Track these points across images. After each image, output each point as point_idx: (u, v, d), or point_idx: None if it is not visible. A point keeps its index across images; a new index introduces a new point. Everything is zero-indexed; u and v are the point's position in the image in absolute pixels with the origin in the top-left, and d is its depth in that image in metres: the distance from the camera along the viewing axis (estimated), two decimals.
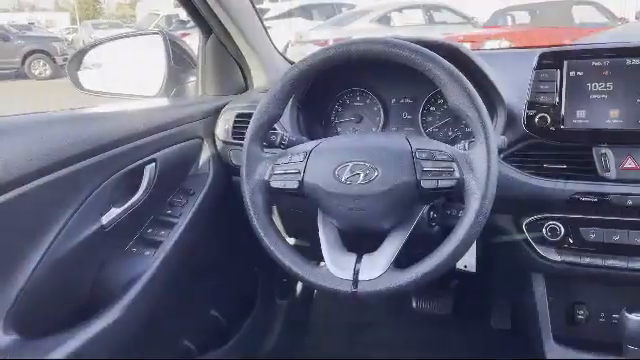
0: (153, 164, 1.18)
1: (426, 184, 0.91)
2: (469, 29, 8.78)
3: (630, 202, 1.04)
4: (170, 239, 1.21)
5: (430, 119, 1.31)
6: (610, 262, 1.10)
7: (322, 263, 0.98)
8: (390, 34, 1.08)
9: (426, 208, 1.02)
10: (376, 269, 0.92)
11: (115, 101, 1.51)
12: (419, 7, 9.54)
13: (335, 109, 1.40)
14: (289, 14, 10.39)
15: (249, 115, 1.11)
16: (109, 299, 1.06)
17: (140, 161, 1.15)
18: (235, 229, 1.44)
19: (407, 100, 1.33)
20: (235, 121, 1.39)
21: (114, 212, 1.08)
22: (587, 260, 1.11)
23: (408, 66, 0.94)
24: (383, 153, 0.95)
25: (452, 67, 0.92)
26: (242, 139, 1.07)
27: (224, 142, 1.40)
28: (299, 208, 1.29)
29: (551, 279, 1.20)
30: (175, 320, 1.39)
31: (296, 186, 0.99)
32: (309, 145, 1.03)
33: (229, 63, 1.56)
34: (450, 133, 1.29)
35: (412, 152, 0.93)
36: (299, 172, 0.98)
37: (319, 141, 1.03)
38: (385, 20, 8.91)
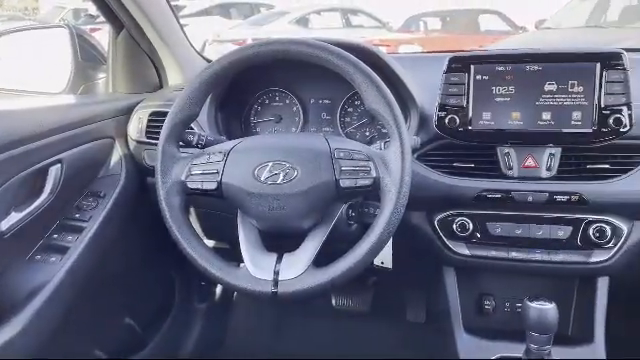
0: (59, 165, 1.11)
1: (345, 183, 0.93)
2: (384, 33, 9.04)
3: (530, 198, 1.12)
4: (78, 244, 1.14)
5: (348, 120, 1.34)
6: (514, 254, 1.17)
7: (242, 264, 0.97)
8: (308, 36, 1.09)
9: (345, 207, 1.04)
10: (296, 268, 0.93)
11: (16, 97, 1.41)
12: (337, 10, 9.71)
13: (254, 109, 1.40)
14: (206, 12, 10.18)
15: (164, 114, 1.08)
16: (10, 310, 0.99)
17: (44, 162, 1.08)
18: (150, 232, 1.39)
19: (326, 101, 1.35)
20: (149, 120, 1.34)
21: (15, 217, 1.01)
22: (493, 253, 1.18)
23: (326, 67, 0.95)
24: (302, 153, 0.95)
25: (369, 70, 0.95)
26: (157, 138, 1.04)
27: (137, 142, 1.35)
28: (217, 209, 1.27)
29: (462, 272, 1.26)
30: (86, 330, 1.31)
31: (214, 187, 0.97)
32: (228, 145, 1.01)
33: (142, 60, 1.50)
34: (367, 133, 1.32)
35: (331, 152, 0.95)
36: (217, 172, 0.97)
37: (238, 141, 1.02)
38: (304, 22, 8.97)
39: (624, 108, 1.05)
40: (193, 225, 1.01)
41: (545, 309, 0.98)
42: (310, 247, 0.95)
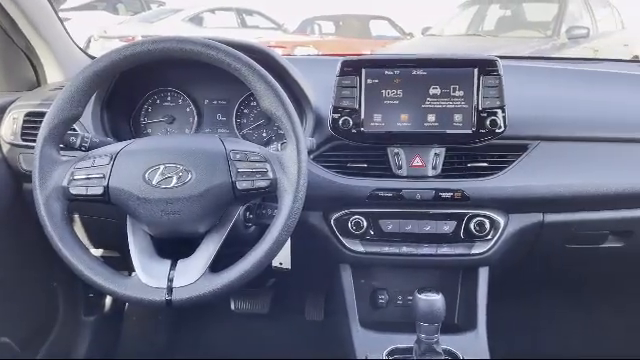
0: None
1: (241, 185, 0.92)
2: (280, 35, 9.09)
3: (419, 196, 1.18)
4: None
5: (244, 121, 1.33)
6: (404, 249, 1.23)
7: (133, 273, 0.92)
8: (202, 35, 1.07)
9: (242, 209, 1.03)
10: (192, 274, 0.90)
11: None
12: (232, 10, 9.58)
13: (145, 109, 1.33)
14: (91, 6, 9.57)
15: (42, 114, 1.00)
16: None
17: None
18: (28, 242, 1.28)
19: (221, 102, 1.33)
20: (25, 121, 1.24)
21: None
22: (386, 249, 1.23)
23: (221, 68, 0.94)
24: (197, 155, 0.93)
25: (264, 71, 0.95)
26: (33, 141, 0.96)
27: (11, 145, 1.24)
28: (105, 216, 1.20)
29: (357, 269, 1.30)
30: None
31: (100, 192, 0.91)
32: (115, 147, 0.96)
33: (16, 56, 1.38)
34: (264, 135, 1.32)
35: (226, 153, 0.93)
36: (104, 176, 0.91)
37: (127, 142, 0.97)
38: (197, 20, 8.75)
39: (499, 111, 1.14)
40: (78, 234, 0.94)
41: (433, 300, 1.04)
42: (206, 252, 0.93)
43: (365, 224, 1.23)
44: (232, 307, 1.76)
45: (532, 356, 1.63)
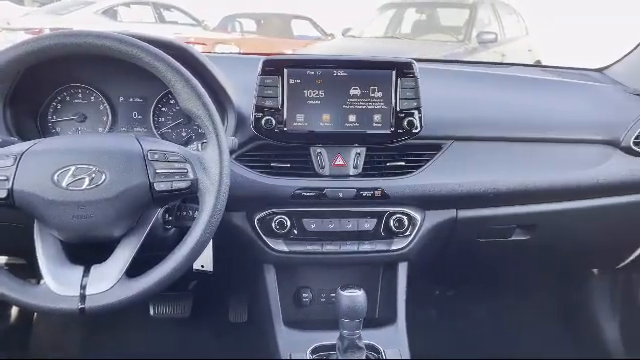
0: None
1: (160, 186, 0.89)
2: (200, 32, 8.89)
3: (341, 194, 1.20)
4: None
5: (162, 119, 1.28)
6: (327, 247, 1.25)
7: (42, 281, 0.87)
8: (117, 29, 1.02)
9: (161, 211, 0.99)
10: (107, 281, 0.86)
11: None
12: (148, 4, 9.23)
13: (53, 106, 1.25)
14: None
15: None
16: None
17: None
18: None
19: (137, 99, 1.28)
20: None
21: None
22: (309, 247, 1.24)
23: (137, 64, 0.90)
24: (111, 155, 0.89)
25: (182, 68, 0.92)
26: None
27: None
28: (9, 220, 1.12)
29: (281, 268, 1.30)
30: None
31: (4, 195, 0.85)
32: (20, 147, 0.89)
33: None
34: (184, 134, 1.28)
35: (143, 154, 0.90)
36: (7, 179, 0.85)
37: (33, 142, 0.91)
38: (111, 14, 8.35)
39: (416, 112, 1.18)
40: None
41: (355, 296, 1.06)
42: (122, 256, 0.89)
43: (289, 223, 1.23)
44: (151, 312, 1.70)
45: (449, 346, 1.71)
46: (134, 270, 0.89)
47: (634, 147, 1.32)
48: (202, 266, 1.23)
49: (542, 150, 1.32)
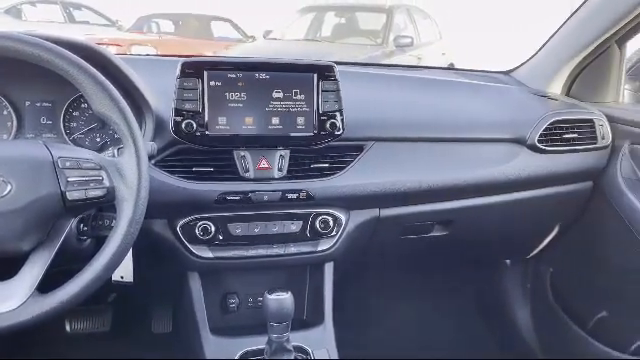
0: None
1: (72, 195, 0.85)
2: (114, 32, 8.53)
3: (266, 198, 1.19)
4: None
5: (74, 125, 1.21)
6: (254, 252, 1.24)
7: None
8: (22, 29, 0.96)
9: (75, 221, 0.94)
10: (16, 298, 0.80)
11: None
12: (56, 3, 8.74)
13: None
14: None
15: None
16: None
17: None
18: None
19: (45, 104, 1.20)
20: None
21: None
22: (235, 252, 1.23)
23: (45, 67, 0.85)
24: (17, 163, 0.83)
25: (93, 70, 0.88)
26: None
27: None
28: None
29: (206, 275, 1.28)
30: None
31: None
32: None
33: None
34: (98, 139, 1.22)
35: (54, 161, 0.85)
36: None
37: None
38: (15, 13, 7.83)
39: (338, 114, 1.20)
40: None
41: (282, 299, 1.06)
42: (32, 271, 0.84)
43: (213, 229, 1.20)
44: (67, 328, 1.61)
45: (376, 342, 1.75)
46: (47, 285, 0.84)
47: (539, 145, 1.41)
48: (122, 277, 1.18)
49: (457, 149, 1.39)
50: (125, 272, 1.17)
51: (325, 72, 1.19)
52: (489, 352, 1.89)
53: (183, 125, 1.12)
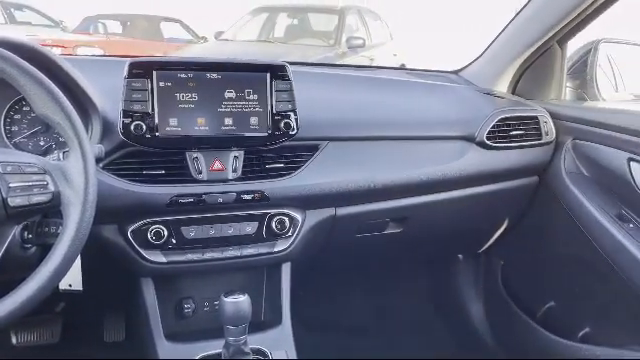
0: None
1: (15, 202, 0.81)
2: (59, 33, 8.24)
3: (220, 199, 1.18)
4: None
5: (16, 128, 1.16)
6: (209, 255, 1.22)
7: None
8: None
9: (18, 229, 0.90)
10: None
11: None
12: None
13: None
14: None
15: None
16: None
17: None
18: None
19: None
20: None
21: None
22: (190, 256, 1.20)
23: None
24: None
25: (36, 72, 0.85)
26: None
27: None
28: None
29: (159, 280, 1.25)
30: None
31: None
32: None
33: None
34: (42, 143, 1.17)
35: None
36: None
37: None
38: None
39: (291, 114, 1.19)
40: None
41: (239, 302, 1.04)
42: None
43: (166, 233, 1.18)
44: (13, 341, 1.54)
45: (334, 341, 1.76)
46: None
47: (487, 141, 1.45)
48: (70, 285, 1.14)
49: (410, 147, 1.41)
50: (73, 280, 1.13)
51: (278, 72, 1.19)
52: (445, 347, 1.93)
53: (132, 127, 1.09)
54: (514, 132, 1.49)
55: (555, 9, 1.47)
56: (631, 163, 1.33)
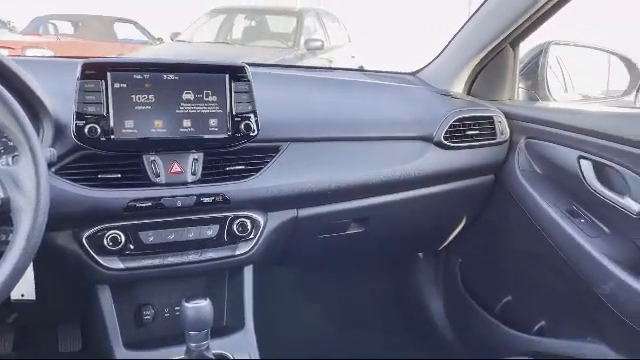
0: None
1: None
2: (6, 34, 7.93)
3: (180, 203, 1.15)
4: None
5: None
6: (169, 260, 1.19)
7: None
8: None
9: None
10: None
11: None
12: None
13: None
14: None
15: None
16: None
17: None
18: None
19: None
20: None
21: None
22: (149, 262, 1.17)
23: None
24: None
25: None
26: None
27: None
28: None
29: (117, 288, 1.21)
30: None
31: None
32: None
33: None
34: None
35: None
36: None
37: None
38: None
39: (252, 115, 1.18)
40: None
41: (200, 307, 1.03)
42: None
43: (123, 238, 1.14)
44: None
45: (298, 344, 1.75)
46: None
47: (445, 141, 1.48)
48: (22, 295, 1.09)
49: (370, 148, 1.42)
50: (26, 289, 1.09)
51: (237, 73, 1.18)
52: (406, 344, 1.96)
53: (86, 130, 1.06)
54: (470, 132, 1.52)
55: (507, 12, 1.52)
56: (581, 161, 1.38)
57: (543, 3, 1.43)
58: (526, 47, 1.72)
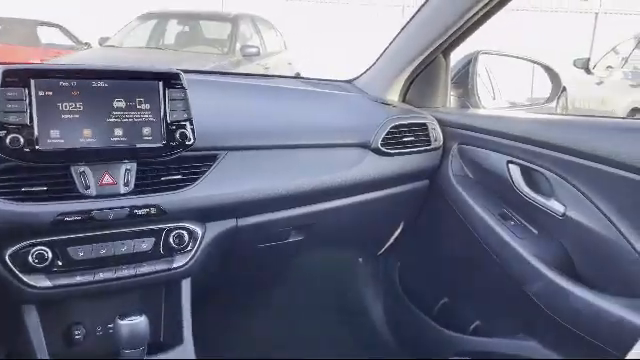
0: None
1: None
2: None
3: (112, 216, 1.10)
4: None
5: None
6: (100, 275, 1.13)
7: None
8: None
9: None
10: None
11: None
12: None
13: None
14: None
15: None
16: None
17: None
18: None
19: None
20: None
21: None
22: (79, 279, 1.11)
23: None
24: None
25: None
26: None
27: None
28: None
29: (45, 307, 1.14)
30: None
31: None
32: None
33: None
34: None
35: None
36: None
37: None
38: None
39: (187, 123, 1.15)
40: None
41: (135, 323, 0.99)
42: None
43: (50, 255, 1.08)
44: None
45: (240, 355, 1.72)
46: None
47: (382, 148, 1.51)
48: None
49: (308, 155, 1.42)
50: None
51: (171, 80, 1.14)
52: (347, 349, 1.97)
53: (8, 140, 0.99)
54: (405, 139, 1.56)
55: (438, 23, 1.57)
56: (510, 165, 1.44)
57: (472, 14, 1.48)
58: (457, 56, 1.78)
